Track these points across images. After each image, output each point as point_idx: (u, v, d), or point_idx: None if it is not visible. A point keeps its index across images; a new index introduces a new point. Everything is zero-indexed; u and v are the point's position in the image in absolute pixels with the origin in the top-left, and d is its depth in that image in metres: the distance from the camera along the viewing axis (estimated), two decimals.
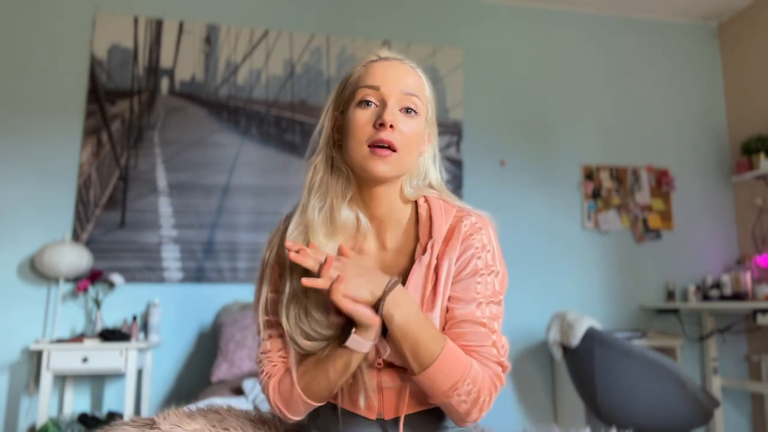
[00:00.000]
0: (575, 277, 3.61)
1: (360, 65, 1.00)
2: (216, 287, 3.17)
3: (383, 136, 0.92)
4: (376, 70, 0.97)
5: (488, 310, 0.94)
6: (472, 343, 0.92)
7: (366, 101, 0.95)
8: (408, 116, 0.95)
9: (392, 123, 0.92)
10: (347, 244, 0.97)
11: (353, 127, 0.94)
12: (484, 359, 0.92)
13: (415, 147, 0.97)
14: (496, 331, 0.93)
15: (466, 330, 0.92)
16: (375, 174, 0.93)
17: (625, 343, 2.65)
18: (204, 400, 2.20)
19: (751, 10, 3.85)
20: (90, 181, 3.12)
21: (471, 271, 0.94)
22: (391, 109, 0.93)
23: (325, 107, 1.02)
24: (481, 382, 0.89)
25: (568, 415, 3.28)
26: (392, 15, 3.68)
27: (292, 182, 3.33)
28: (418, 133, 0.97)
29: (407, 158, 0.96)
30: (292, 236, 0.95)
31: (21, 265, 3.01)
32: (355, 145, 0.93)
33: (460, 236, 0.95)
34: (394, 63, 0.98)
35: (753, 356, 3.64)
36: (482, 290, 0.94)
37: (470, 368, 0.89)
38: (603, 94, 3.88)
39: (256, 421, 1.03)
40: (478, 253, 0.94)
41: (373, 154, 0.92)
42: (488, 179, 3.60)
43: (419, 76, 1.00)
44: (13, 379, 2.92)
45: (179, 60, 3.35)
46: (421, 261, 0.94)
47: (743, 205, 3.83)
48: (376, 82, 0.95)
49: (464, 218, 0.97)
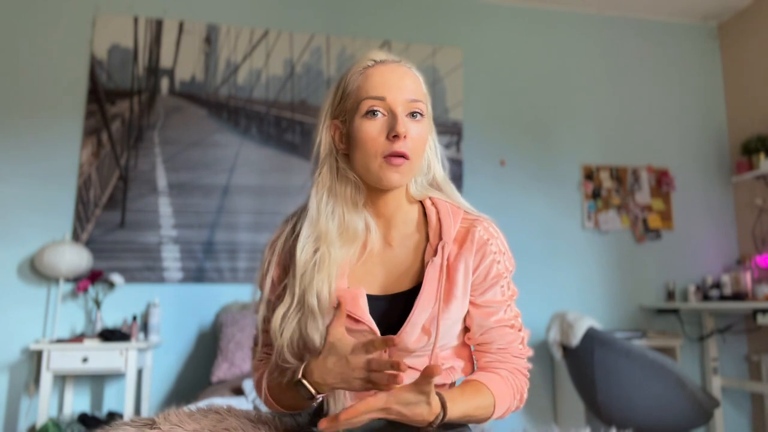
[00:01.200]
0: (575, 277, 3.61)
1: (356, 72, 0.98)
2: (216, 287, 3.17)
3: (397, 148, 0.93)
4: (376, 77, 0.96)
5: (511, 310, 1.01)
6: (503, 344, 1.00)
7: (373, 112, 0.94)
8: (416, 121, 0.96)
9: (405, 134, 0.93)
10: (357, 249, 0.99)
11: (364, 139, 0.94)
12: (514, 358, 1.01)
13: (423, 150, 0.99)
14: (521, 328, 1.02)
15: (497, 334, 1.00)
16: (390, 185, 0.95)
17: (625, 343, 2.65)
18: (204, 400, 2.19)
19: (751, 10, 3.85)
20: (90, 181, 3.12)
21: (495, 277, 0.99)
22: (402, 119, 0.94)
23: (321, 117, 1.02)
24: (521, 388, 1.00)
25: (568, 415, 3.29)
26: (392, 15, 3.68)
27: (292, 182, 3.33)
28: (426, 135, 0.99)
29: (418, 163, 0.98)
30: (305, 248, 0.96)
31: (21, 265, 3.01)
32: (368, 158, 0.94)
33: (475, 241, 0.98)
34: (391, 67, 0.98)
35: (753, 356, 3.64)
36: (506, 292, 1.00)
37: (513, 390, 0.99)
38: (603, 94, 3.88)
39: (256, 421, 1.03)
40: (497, 258, 0.98)
41: (388, 164, 0.94)
42: (488, 179, 3.60)
43: (416, 76, 1.00)
44: (13, 379, 2.92)
45: (179, 60, 3.35)
46: (434, 262, 0.96)
47: (743, 205, 3.82)
48: (381, 93, 0.95)
49: (476, 223, 1.00)
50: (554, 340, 2.91)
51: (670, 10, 3.96)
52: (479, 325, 0.99)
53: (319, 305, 0.93)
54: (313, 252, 0.96)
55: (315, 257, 0.95)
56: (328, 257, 0.95)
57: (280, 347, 0.94)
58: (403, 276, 0.99)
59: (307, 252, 0.96)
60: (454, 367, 1.01)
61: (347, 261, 0.98)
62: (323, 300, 0.93)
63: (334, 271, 0.95)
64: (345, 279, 0.97)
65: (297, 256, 0.95)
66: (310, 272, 0.94)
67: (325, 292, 0.93)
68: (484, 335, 1.00)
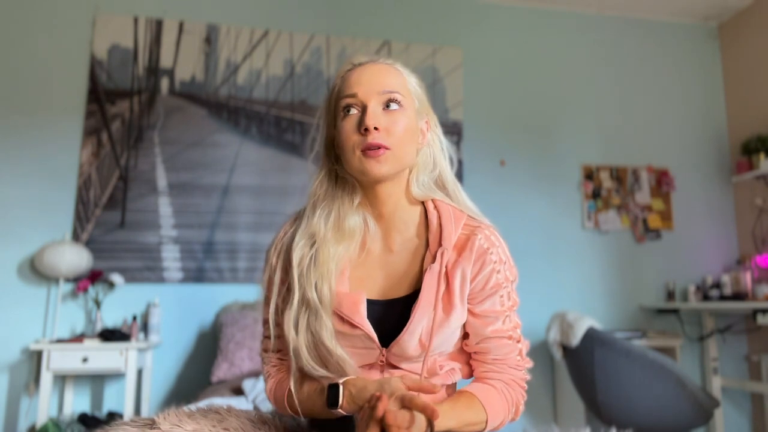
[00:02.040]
0: (575, 277, 3.61)
1: (338, 77, 1.01)
2: (216, 287, 3.17)
3: (370, 140, 0.93)
4: (352, 77, 0.98)
5: (510, 321, 0.99)
6: (499, 355, 0.99)
7: (347, 109, 0.96)
8: (391, 112, 0.96)
9: (375, 125, 0.93)
10: (356, 247, 0.99)
11: (343, 138, 0.96)
12: (510, 369, 0.99)
13: (409, 140, 0.97)
14: (519, 339, 1.00)
15: (494, 344, 0.98)
16: (374, 175, 0.94)
17: (625, 343, 2.65)
18: (204, 400, 2.19)
19: (751, 10, 3.85)
20: (90, 181, 3.12)
21: (494, 287, 0.97)
22: (372, 112, 0.94)
23: (316, 125, 1.05)
24: (516, 401, 0.99)
25: (568, 415, 3.29)
26: (392, 15, 3.68)
27: (292, 182, 3.33)
28: (409, 126, 0.97)
29: (402, 153, 0.96)
30: (299, 246, 0.96)
31: (21, 265, 3.01)
32: (349, 154, 0.95)
33: (474, 249, 0.96)
34: (367, 66, 0.99)
35: (753, 356, 3.64)
36: (505, 302, 0.98)
37: (508, 404, 0.97)
38: (603, 94, 3.88)
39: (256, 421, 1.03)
40: (497, 267, 0.97)
41: (367, 157, 0.93)
42: (488, 179, 3.59)
43: (397, 71, 1.00)
44: (13, 379, 2.92)
45: (179, 60, 3.35)
46: (432, 269, 0.95)
47: (743, 205, 3.82)
48: (353, 90, 0.96)
49: (477, 231, 0.98)
50: (554, 340, 2.91)
51: (670, 10, 3.96)
52: (476, 334, 0.99)
53: (320, 302, 0.92)
54: (309, 249, 0.96)
55: (310, 254, 0.95)
56: (324, 254, 0.95)
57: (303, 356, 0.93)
58: (402, 281, 0.98)
59: (302, 250, 0.96)
60: (454, 369, 1.00)
61: (346, 259, 0.98)
62: (324, 297, 0.92)
63: (332, 267, 0.95)
64: (345, 280, 0.97)
65: (292, 255, 0.96)
66: (306, 270, 0.94)
67: (325, 289, 0.93)
68: (481, 344, 0.99)
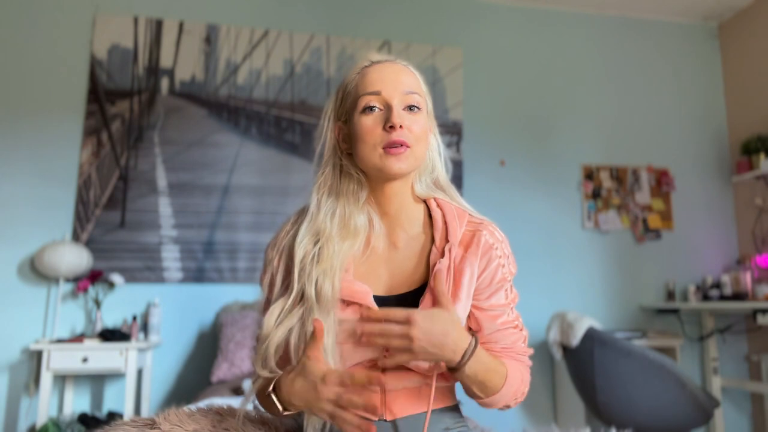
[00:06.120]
0: (575, 277, 3.61)
1: (354, 73, 1.02)
2: (216, 287, 3.17)
3: (395, 137, 0.94)
4: (373, 75, 0.98)
5: (513, 312, 1.03)
6: (507, 344, 1.02)
7: (370, 107, 0.96)
8: (412, 113, 0.98)
9: (401, 124, 0.95)
10: (360, 245, 0.99)
11: (362, 133, 0.96)
12: (518, 356, 1.03)
13: (424, 141, 1.00)
14: (522, 328, 1.04)
15: (503, 334, 1.01)
16: (393, 172, 0.95)
17: (625, 343, 2.65)
18: (204, 400, 2.20)
19: (751, 10, 3.85)
20: (90, 181, 3.12)
21: (500, 281, 1.00)
22: (397, 111, 0.95)
23: (324, 119, 1.04)
24: (526, 380, 1.02)
25: (568, 415, 3.29)
26: (392, 15, 3.68)
27: (292, 182, 3.33)
28: (425, 127, 1.00)
29: (420, 152, 0.99)
30: (303, 243, 0.96)
31: (21, 265, 3.01)
32: (368, 150, 0.96)
33: (481, 245, 0.98)
34: (387, 65, 1.00)
35: (753, 356, 3.64)
36: (509, 295, 1.02)
37: (521, 376, 1.00)
38: (603, 94, 3.88)
39: (256, 421, 1.03)
40: (502, 262, 0.99)
41: (388, 154, 0.95)
42: (488, 179, 3.60)
43: (413, 73, 1.02)
44: (13, 379, 2.92)
45: (179, 60, 3.35)
46: (441, 264, 0.96)
47: (743, 205, 3.82)
48: (376, 87, 0.97)
49: (481, 227, 1.00)
50: (554, 340, 2.91)
51: (670, 9, 3.96)
52: (486, 327, 1.00)
53: (319, 298, 0.92)
54: (312, 246, 0.96)
55: (314, 250, 0.95)
56: (329, 250, 0.95)
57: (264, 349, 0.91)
58: (407, 277, 0.99)
59: (305, 246, 0.96)
60: None
61: (351, 255, 0.98)
62: (325, 293, 0.92)
63: (337, 263, 0.94)
64: (350, 277, 0.97)
65: (295, 251, 0.96)
66: (309, 266, 0.94)
67: (327, 285, 0.92)
68: (493, 334, 1.01)
